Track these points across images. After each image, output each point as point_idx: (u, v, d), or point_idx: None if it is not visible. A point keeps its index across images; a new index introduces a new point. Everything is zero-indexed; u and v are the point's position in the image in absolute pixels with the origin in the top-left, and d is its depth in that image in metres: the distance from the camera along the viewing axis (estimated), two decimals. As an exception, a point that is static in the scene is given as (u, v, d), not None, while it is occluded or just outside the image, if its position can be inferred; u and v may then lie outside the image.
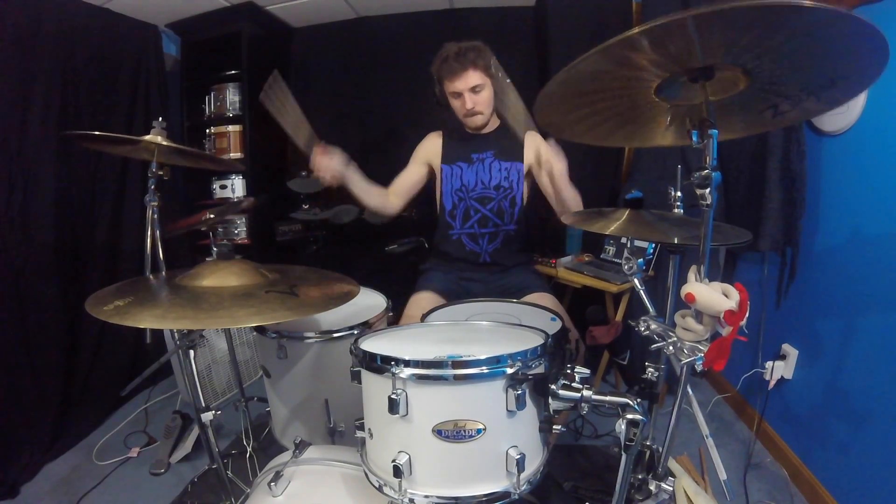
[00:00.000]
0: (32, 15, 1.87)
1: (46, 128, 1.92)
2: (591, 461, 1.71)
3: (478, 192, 1.61)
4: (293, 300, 0.92)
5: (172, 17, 2.48)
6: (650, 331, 0.92)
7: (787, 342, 1.70)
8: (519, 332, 0.98)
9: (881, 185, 1.33)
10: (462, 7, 2.59)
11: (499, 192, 1.60)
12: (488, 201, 1.61)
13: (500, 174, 1.60)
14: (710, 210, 0.75)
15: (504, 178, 1.60)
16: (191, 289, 0.93)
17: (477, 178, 1.61)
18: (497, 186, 1.60)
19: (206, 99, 2.70)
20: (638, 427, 0.76)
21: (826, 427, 1.50)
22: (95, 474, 1.70)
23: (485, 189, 1.61)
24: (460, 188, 1.62)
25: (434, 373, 0.75)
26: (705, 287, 0.74)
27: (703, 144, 0.74)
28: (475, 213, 1.62)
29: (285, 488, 0.94)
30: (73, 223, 2.07)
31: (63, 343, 1.99)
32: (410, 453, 0.76)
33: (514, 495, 0.77)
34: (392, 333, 1.02)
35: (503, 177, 1.60)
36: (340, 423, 1.33)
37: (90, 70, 2.12)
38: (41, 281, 1.89)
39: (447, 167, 1.64)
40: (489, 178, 1.61)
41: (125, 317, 0.79)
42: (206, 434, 1.11)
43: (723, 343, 0.72)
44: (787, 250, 1.68)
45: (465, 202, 1.62)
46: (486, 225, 1.63)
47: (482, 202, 1.62)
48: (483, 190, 1.61)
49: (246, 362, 2.35)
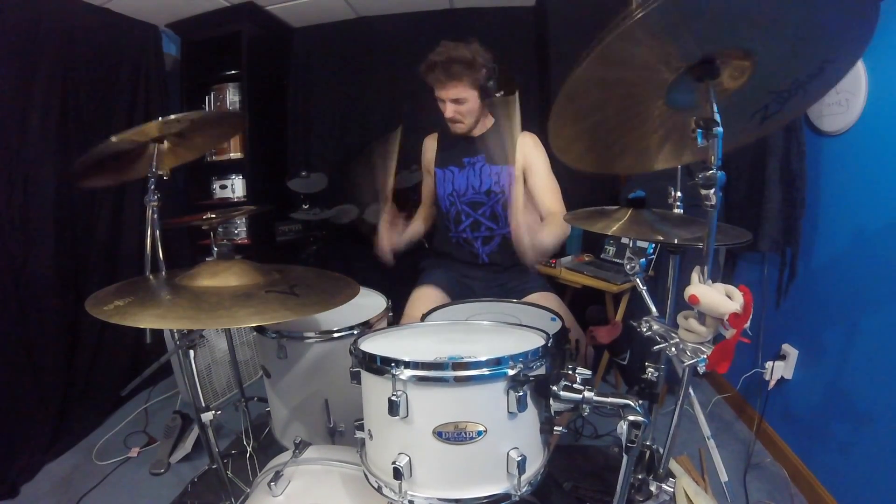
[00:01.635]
0: (32, 15, 1.87)
1: (46, 128, 1.92)
2: (592, 461, 1.71)
3: (468, 198, 1.60)
4: (293, 300, 0.92)
5: (172, 16, 2.48)
6: (652, 331, 0.92)
7: (787, 342, 1.70)
8: (519, 332, 0.98)
9: (881, 185, 1.33)
10: (462, 7, 2.59)
11: (490, 197, 1.58)
12: (479, 206, 1.60)
13: (490, 179, 1.57)
14: (715, 211, 0.74)
15: (495, 182, 1.57)
16: (191, 289, 0.93)
17: (468, 184, 1.59)
18: (488, 192, 1.57)
19: (206, 99, 2.70)
20: (640, 429, 0.75)
21: (826, 427, 1.50)
22: (95, 474, 1.70)
23: (476, 194, 1.59)
24: (451, 192, 1.61)
25: (434, 374, 0.75)
26: (709, 289, 0.73)
27: (707, 144, 0.73)
28: (466, 217, 1.61)
29: (285, 488, 0.94)
30: (73, 223, 2.07)
31: (63, 343, 1.99)
32: (411, 455, 0.76)
33: (515, 497, 0.77)
34: (392, 333, 1.02)
35: (493, 181, 1.57)
36: (340, 423, 1.33)
37: (90, 70, 2.12)
38: (41, 281, 1.89)
39: (440, 171, 1.64)
40: (479, 183, 1.58)
41: (125, 316, 0.79)
42: (206, 434, 1.11)
43: (726, 345, 0.71)
44: (787, 250, 1.68)
45: (457, 206, 1.61)
46: (479, 229, 1.61)
47: (473, 207, 1.60)
48: (474, 195, 1.59)
49: (246, 362, 2.35)
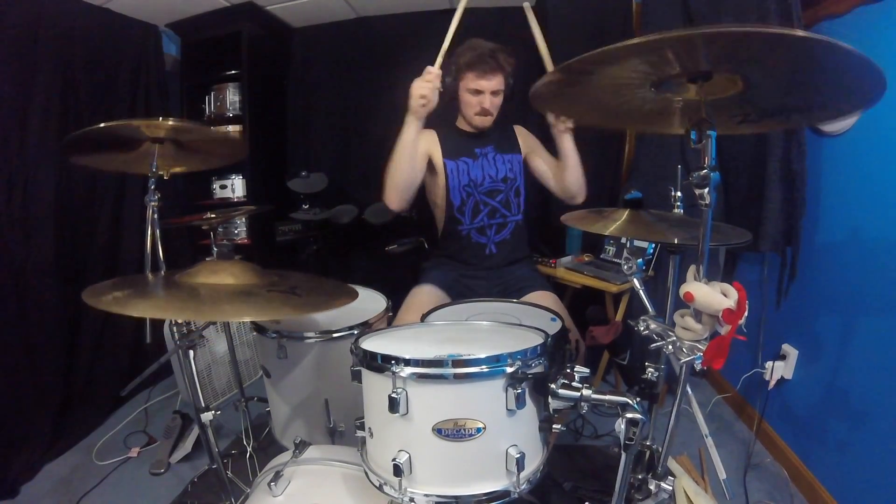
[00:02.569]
0: (32, 15, 1.87)
1: (46, 128, 1.92)
2: (591, 461, 1.71)
3: (486, 187, 1.62)
4: (294, 299, 0.92)
5: (172, 16, 2.48)
6: (650, 330, 0.92)
7: (787, 342, 1.70)
8: (519, 332, 0.98)
9: (881, 186, 1.33)
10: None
11: (507, 183, 1.63)
12: (497, 194, 1.63)
13: (504, 166, 1.64)
14: (709, 210, 0.75)
15: (509, 169, 1.64)
16: (189, 285, 0.93)
17: (484, 173, 1.62)
18: (504, 178, 1.63)
19: (206, 99, 2.69)
20: (637, 426, 0.76)
21: (826, 427, 1.50)
22: (95, 474, 1.70)
23: (493, 182, 1.63)
24: (468, 184, 1.62)
25: (434, 371, 0.75)
26: (704, 286, 0.74)
27: (701, 145, 0.74)
28: (485, 206, 1.63)
29: (285, 488, 0.94)
30: (73, 223, 2.07)
31: (63, 343, 1.99)
32: (410, 452, 0.76)
33: (514, 494, 0.77)
34: (392, 333, 1.02)
35: (508, 168, 1.64)
36: (340, 422, 1.33)
37: (90, 70, 2.12)
38: (41, 281, 1.89)
39: (451, 162, 1.62)
40: (496, 171, 1.63)
41: (125, 306, 0.78)
42: (206, 434, 1.11)
43: (721, 342, 0.72)
44: (787, 250, 1.68)
45: (474, 197, 1.62)
46: (495, 216, 1.64)
47: (491, 195, 1.63)
48: (492, 184, 1.63)
49: (246, 362, 2.35)
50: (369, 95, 2.78)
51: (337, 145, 2.88)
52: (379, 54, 2.70)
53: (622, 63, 0.70)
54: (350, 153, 2.85)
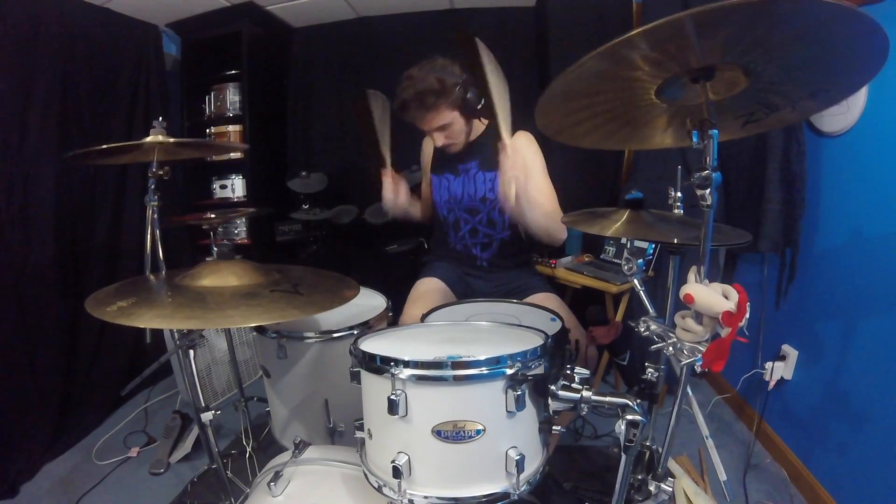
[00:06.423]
0: (32, 15, 1.87)
1: (46, 128, 1.92)
2: (591, 462, 1.72)
3: (465, 204, 1.58)
4: (298, 299, 0.92)
5: (172, 16, 2.48)
6: (650, 331, 0.92)
7: (786, 343, 1.70)
8: (519, 333, 0.98)
9: (881, 186, 1.33)
10: (462, 7, 2.59)
11: (485, 203, 1.55)
12: (476, 213, 1.58)
13: (484, 186, 1.54)
14: (711, 211, 0.74)
15: (489, 189, 1.53)
16: (193, 288, 0.93)
17: (464, 191, 1.57)
18: (483, 199, 1.55)
19: (207, 99, 2.70)
20: (638, 428, 0.76)
21: (826, 427, 1.50)
22: (95, 474, 1.70)
23: (472, 201, 1.57)
24: (448, 199, 1.60)
25: (433, 373, 0.75)
26: (704, 288, 0.73)
27: (703, 145, 0.74)
28: (465, 223, 1.60)
29: (285, 488, 0.94)
30: (73, 223, 2.07)
31: (63, 343, 1.99)
32: (410, 454, 0.76)
33: (514, 496, 0.77)
34: (392, 334, 1.02)
35: (487, 188, 1.54)
36: (340, 423, 1.33)
37: (90, 70, 2.12)
38: (41, 281, 1.89)
39: (436, 177, 1.62)
40: (475, 190, 1.56)
41: (131, 318, 0.78)
42: (206, 434, 1.11)
43: (721, 344, 0.71)
44: (786, 251, 1.68)
45: (455, 213, 1.60)
46: (477, 235, 1.60)
47: (471, 213, 1.58)
48: (470, 202, 1.57)
49: (246, 362, 2.35)
50: (369, 95, 2.78)
51: (337, 145, 2.88)
52: (379, 54, 2.70)
53: (623, 63, 0.70)
54: (350, 153, 2.85)
